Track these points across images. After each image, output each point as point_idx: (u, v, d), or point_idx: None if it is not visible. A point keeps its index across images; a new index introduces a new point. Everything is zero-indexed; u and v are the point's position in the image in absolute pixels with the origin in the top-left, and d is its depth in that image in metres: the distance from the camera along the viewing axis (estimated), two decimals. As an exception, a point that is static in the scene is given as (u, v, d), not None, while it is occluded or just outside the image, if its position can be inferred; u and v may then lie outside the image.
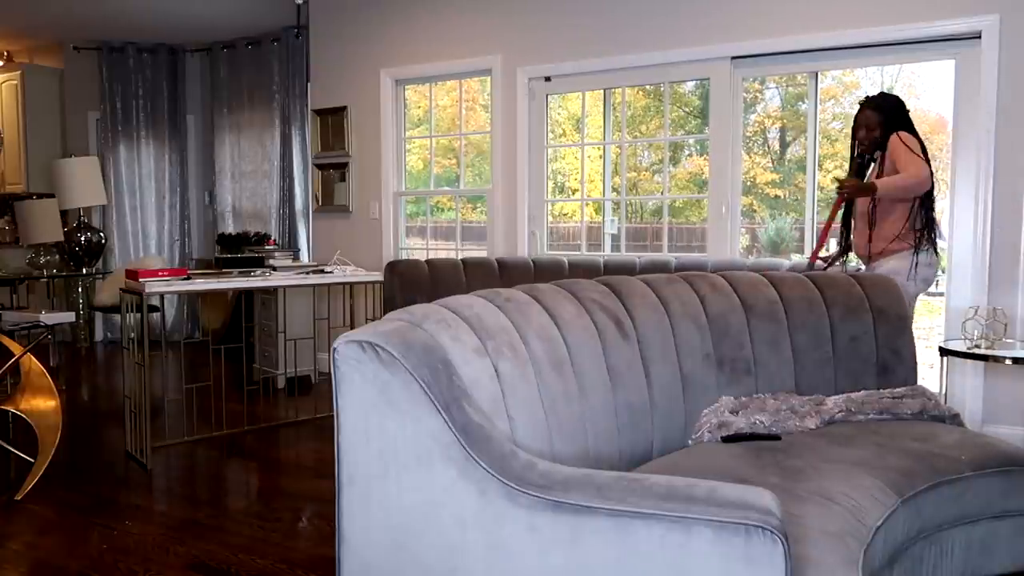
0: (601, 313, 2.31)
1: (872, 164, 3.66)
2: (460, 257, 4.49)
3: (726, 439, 2.33)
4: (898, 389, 2.74)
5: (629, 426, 2.24)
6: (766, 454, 2.18)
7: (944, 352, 3.76)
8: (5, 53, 8.00)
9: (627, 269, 4.41)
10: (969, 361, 3.91)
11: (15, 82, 7.77)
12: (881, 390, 2.75)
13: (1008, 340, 3.79)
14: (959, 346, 3.73)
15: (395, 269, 4.46)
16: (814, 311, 2.83)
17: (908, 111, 3.62)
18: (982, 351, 3.63)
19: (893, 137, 3.49)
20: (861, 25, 4.24)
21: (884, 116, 3.57)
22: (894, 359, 2.85)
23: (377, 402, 1.62)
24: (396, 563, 1.62)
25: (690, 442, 2.42)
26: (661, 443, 2.36)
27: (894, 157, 3.50)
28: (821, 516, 1.78)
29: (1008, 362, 3.58)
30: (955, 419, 2.69)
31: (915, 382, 2.86)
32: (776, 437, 2.36)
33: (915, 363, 2.89)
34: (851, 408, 2.60)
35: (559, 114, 6.26)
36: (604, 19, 4.99)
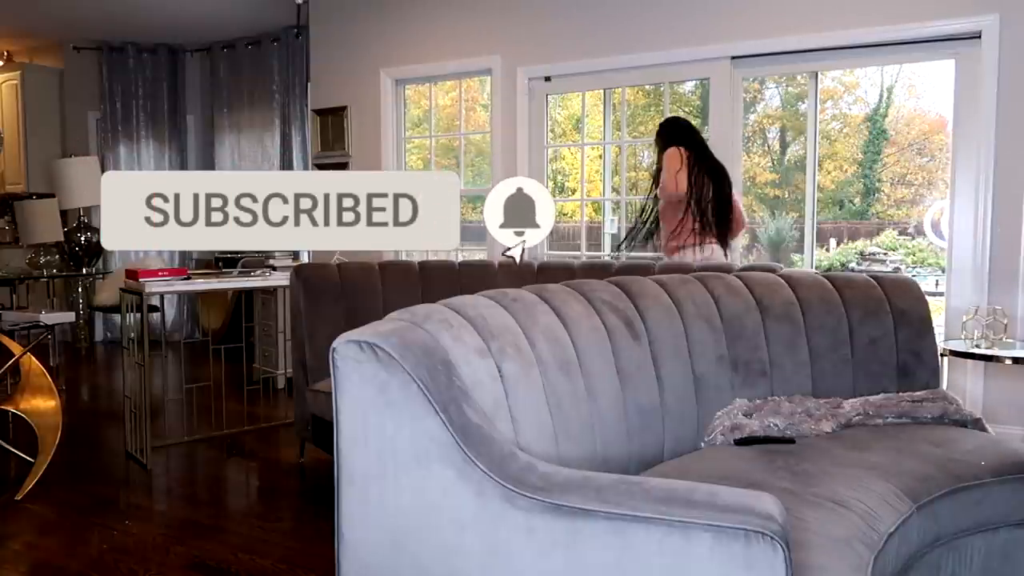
0: (611, 314, 2.28)
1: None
2: (378, 262, 3.96)
3: (739, 442, 2.29)
4: (918, 392, 2.67)
5: (639, 428, 2.21)
6: (779, 458, 2.15)
7: (944, 352, 3.76)
8: (5, 53, 8.00)
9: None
10: (969, 361, 3.91)
11: (15, 82, 7.77)
12: (900, 393, 2.68)
13: (1008, 340, 3.79)
14: (959, 346, 3.73)
15: (301, 274, 3.84)
16: (832, 312, 2.77)
17: (682, 128, 4.23)
18: (982, 351, 3.63)
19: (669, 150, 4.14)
20: (861, 25, 4.23)
21: (663, 138, 4.20)
22: (915, 362, 2.78)
23: (376, 402, 1.61)
24: (395, 564, 1.62)
25: (703, 445, 2.38)
26: (673, 446, 2.33)
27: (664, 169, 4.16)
28: (830, 521, 1.76)
29: (1008, 362, 3.57)
30: (977, 424, 2.61)
31: (937, 385, 2.78)
32: (790, 440, 2.31)
33: (937, 366, 2.81)
34: (868, 411, 2.54)
35: (559, 114, 6.26)
36: (604, 19, 4.98)
